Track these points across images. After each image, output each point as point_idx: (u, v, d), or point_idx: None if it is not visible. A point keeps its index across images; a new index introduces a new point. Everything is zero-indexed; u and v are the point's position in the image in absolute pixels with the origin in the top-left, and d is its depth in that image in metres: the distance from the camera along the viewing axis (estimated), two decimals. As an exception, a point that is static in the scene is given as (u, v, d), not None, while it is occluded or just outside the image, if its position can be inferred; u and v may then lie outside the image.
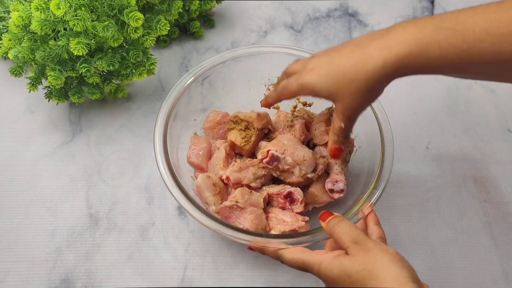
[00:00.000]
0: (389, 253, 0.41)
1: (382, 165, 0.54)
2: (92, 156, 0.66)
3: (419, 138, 0.71)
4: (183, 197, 0.50)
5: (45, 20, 0.57)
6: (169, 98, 0.57)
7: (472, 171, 0.68)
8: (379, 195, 0.52)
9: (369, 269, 0.40)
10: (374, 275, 0.40)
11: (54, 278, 0.57)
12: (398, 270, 0.40)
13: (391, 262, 0.40)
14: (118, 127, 0.69)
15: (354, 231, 0.44)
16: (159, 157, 0.53)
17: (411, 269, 0.41)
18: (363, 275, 0.40)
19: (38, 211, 0.62)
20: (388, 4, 0.88)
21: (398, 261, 0.41)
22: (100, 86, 0.67)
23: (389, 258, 0.41)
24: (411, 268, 0.41)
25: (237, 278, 0.59)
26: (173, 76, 0.75)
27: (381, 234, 0.48)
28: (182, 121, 0.60)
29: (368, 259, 0.41)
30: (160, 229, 0.61)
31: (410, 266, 0.41)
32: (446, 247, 0.62)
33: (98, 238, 0.60)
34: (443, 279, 0.60)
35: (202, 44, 0.80)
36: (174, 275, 0.58)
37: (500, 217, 0.65)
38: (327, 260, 0.43)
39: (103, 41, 0.61)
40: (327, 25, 0.84)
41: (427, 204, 0.65)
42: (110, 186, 0.64)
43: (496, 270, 0.61)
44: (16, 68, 0.63)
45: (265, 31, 0.82)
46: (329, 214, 0.47)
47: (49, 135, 0.68)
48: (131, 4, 0.59)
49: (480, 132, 0.72)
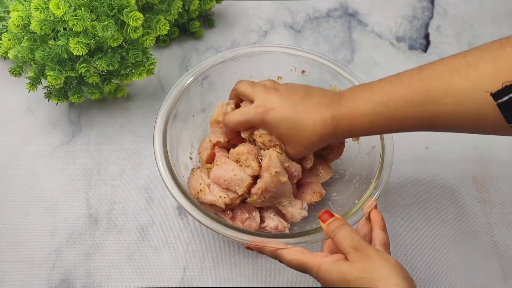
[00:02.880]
0: (389, 262, 0.41)
1: (382, 165, 0.54)
2: (91, 156, 0.66)
3: (419, 138, 0.71)
4: (183, 197, 0.50)
5: (45, 20, 0.57)
6: (168, 98, 0.57)
7: (472, 171, 0.68)
8: (378, 195, 0.52)
9: (368, 277, 0.40)
10: (373, 283, 0.40)
11: (53, 278, 0.57)
12: (397, 281, 0.40)
13: (391, 272, 0.40)
14: (118, 127, 0.69)
15: (355, 237, 0.44)
16: (158, 157, 0.53)
17: (411, 280, 0.41)
18: (362, 282, 0.40)
19: (37, 211, 0.62)
20: (388, 4, 0.88)
21: (398, 271, 0.41)
22: (100, 86, 0.66)
23: (390, 267, 0.41)
24: (411, 279, 0.41)
25: (237, 278, 0.58)
26: (173, 76, 0.75)
27: (385, 240, 0.47)
28: (182, 121, 0.60)
29: (368, 267, 0.41)
30: (159, 229, 0.61)
31: (410, 277, 0.41)
32: (446, 247, 0.62)
33: (98, 238, 0.60)
34: (443, 279, 0.60)
35: (202, 44, 0.80)
36: (174, 275, 0.58)
37: (500, 217, 0.65)
38: (326, 263, 0.43)
39: (103, 41, 0.61)
40: (327, 25, 0.84)
41: (427, 204, 0.65)
42: (109, 186, 0.64)
43: (496, 270, 0.61)
44: (16, 68, 0.63)
45: (265, 31, 0.82)
46: (329, 215, 0.47)
47: (49, 135, 0.68)
48: (130, 4, 0.59)
49: (480, 132, 0.72)
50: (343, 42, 0.82)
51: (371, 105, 0.45)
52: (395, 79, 0.45)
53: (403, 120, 0.44)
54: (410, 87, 0.43)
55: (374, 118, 0.46)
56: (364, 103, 0.46)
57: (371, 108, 0.45)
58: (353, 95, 0.48)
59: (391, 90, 0.45)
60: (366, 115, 0.46)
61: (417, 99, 0.43)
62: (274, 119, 0.50)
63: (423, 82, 0.43)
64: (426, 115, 0.43)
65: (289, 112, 0.50)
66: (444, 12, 0.87)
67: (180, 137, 0.60)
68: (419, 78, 0.43)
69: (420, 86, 0.43)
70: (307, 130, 0.49)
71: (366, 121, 0.46)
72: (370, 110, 0.46)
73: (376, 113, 0.45)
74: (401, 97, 0.44)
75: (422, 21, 0.86)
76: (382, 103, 0.45)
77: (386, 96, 0.45)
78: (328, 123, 0.48)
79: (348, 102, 0.48)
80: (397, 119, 0.44)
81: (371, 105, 0.45)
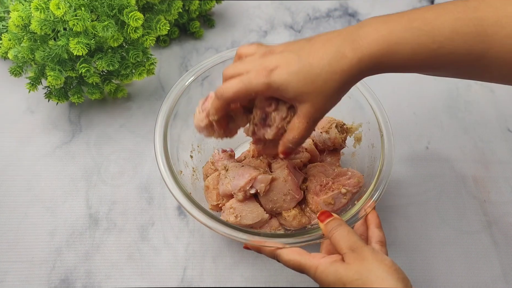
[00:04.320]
0: (384, 263, 0.41)
1: (382, 165, 0.54)
2: (92, 156, 0.66)
3: (419, 138, 0.71)
4: (183, 197, 0.50)
5: (45, 20, 0.57)
6: (169, 98, 0.57)
7: (472, 171, 0.68)
8: (379, 196, 0.52)
9: (363, 279, 0.40)
10: (368, 285, 0.40)
11: (54, 278, 0.57)
12: (393, 282, 0.40)
13: (386, 273, 0.40)
14: (118, 127, 0.69)
15: (352, 237, 0.44)
16: (159, 157, 0.53)
17: (407, 281, 0.41)
18: (357, 284, 0.40)
19: (38, 211, 0.62)
20: (388, 4, 0.88)
21: (393, 272, 0.41)
22: (100, 86, 0.67)
23: (384, 269, 0.41)
24: (406, 279, 0.41)
25: (237, 278, 0.58)
26: (173, 76, 0.75)
27: (381, 237, 0.48)
28: (182, 121, 0.60)
29: (363, 269, 0.41)
30: (159, 229, 0.61)
31: (406, 278, 0.41)
32: (446, 247, 0.62)
33: (98, 238, 0.60)
34: (443, 279, 0.60)
35: (202, 44, 0.80)
36: (174, 275, 0.58)
37: (500, 217, 0.65)
38: (323, 265, 0.43)
39: (103, 41, 0.61)
40: (327, 25, 0.84)
41: (427, 204, 0.65)
42: (110, 186, 0.64)
43: (496, 270, 0.61)
44: (16, 68, 0.63)
45: (265, 31, 0.82)
46: (328, 215, 0.47)
47: (49, 135, 0.68)
48: (131, 4, 0.59)
49: (480, 132, 0.72)
50: (343, 42, 0.82)
51: (412, 31, 0.38)
52: (437, 8, 0.39)
53: (450, 53, 0.38)
54: (459, 15, 0.38)
55: (417, 49, 0.39)
56: (401, 29, 0.39)
57: (412, 35, 0.38)
58: (381, 21, 0.40)
59: (434, 18, 0.38)
60: (406, 43, 0.39)
61: (467, 28, 0.37)
62: (281, 77, 0.41)
63: (473, 11, 0.38)
64: (477, 48, 0.38)
65: (295, 62, 0.41)
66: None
67: (180, 136, 0.60)
68: (466, 7, 0.38)
69: (470, 15, 0.38)
70: (324, 73, 0.40)
71: (406, 50, 0.39)
72: (411, 37, 0.38)
73: (419, 43, 0.38)
74: (449, 27, 0.38)
75: (422, 21, 0.86)
76: (426, 32, 0.38)
77: (429, 25, 0.38)
78: (349, 56, 0.39)
79: (377, 28, 0.40)
80: (443, 52, 0.38)
81: (412, 31, 0.38)
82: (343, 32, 0.41)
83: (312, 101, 0.41)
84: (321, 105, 0.42)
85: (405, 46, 0.39)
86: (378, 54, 0.39)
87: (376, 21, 0.40)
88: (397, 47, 0.39)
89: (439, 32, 0.38)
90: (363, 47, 0.39)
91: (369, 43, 0.39)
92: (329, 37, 0.41)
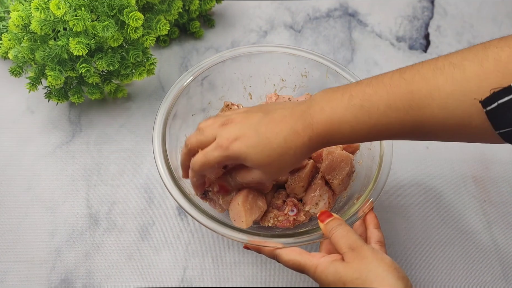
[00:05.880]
0: (384, 262, 0.41)
1: (380, 165, 0.54)
2: (92, 156, 0.66)
3: (419, 138, 0.71)
4: (182, 197, 0.50)
5: (45, 20, 0.57)
6: (168, 98, 0.57)
7: (472, 171, 0.68)
8: (377, 195, 0.52)
9: (363, 278, 0.40)
10: (368, 284, 0.40)
11: (54, 278, 0.57)
12: (393, 281, 0.40)
13: (386, 272, 0.40)
14: (118, 127, 0.69)
15: (351, 236, 0.44)
16: (158, 157, 0.53)
17: (407, 280, 0.41)
18: (357, 283, 0.40)
19: (38, 211, 0.62)
20: (388, 4, 0.88)
21: (393, 271, 0.41)
22: (100, 86, 0.67)
23: (384, 267, 0.41)
24: (406, 278, 0.41)
25: (237, 278, 0.58)
26: (173, 76, 0.75)
27: (380, 238, 0.48)
28: (181, 121, 0.60)
29: (363, 268, 0.41)
30: (160, 229, 0.61)
31: (406, 277, 0.41)
32: (446, 247, 0.62)
33: (98, 238, 0.60)
34: (443, 279, 0.60)
35: (202, 44, 0.80)
36: (174, 275, 0.58)
37: (500, 217, 0.65)
38: (323, 264, 0.43)
39: (103, 41, 0.61)
40: (327, 25, 0.84)
41: (427, 204, 0.65)
42: (110, 186, 0.64)
43: (496, 270, 0.61)
44: (16, 68, 0.63)
45: (265, 31, 0.82)
46: (328, 215, 0.47)
47: (49, 135, 0.68)
48: (131, 4, 0.59)
49: (480, 132, 0.72)
50: (343, 42, 0.82)
51: (351, 110, 0.42)
52: (377, 82, 0.42)
53: (387, 128, 0.41)
54: (393, 90, 0.40)
55: (356, 126, 0.42)
56: (343, 108, 0.42)
57: (351, 114, 0.42)
58: (327, 99, 0.44)
59: (373, 93, 0.41)
60: (346, 122, 0.42)
61: (400, 103, 0.40)
62: (240, 149, 0.44)
63: (406, 84, 0.40)
64: (411, 120, 0.40)
65: (252, 136, 0.44)
66: (444, 12, 0.87)
67: (179, 136, 0.60)
68: (402, 80, 0.40)
69: (403, 89, 0.40)
70: (279, 148, 0.44)
71: (346, 128, 0.42)
72: (350, 116, 0.42)
73: (358, 121, 0.42)
74: (383, 103, 0.41)
75: (422, 21, 0.86)
76: (366, 108, 0.41)
77: (368, 101, 0.41)
78: (301, 134, 0.43)
79: (322, 108, 0.43)
80: (381, 128, 0.41)
81: (351, 110, 0.42)
82: (297, 111, 0.45)
83: (265, 171, 0.46)
84: (272, 174, 0.46)
85: (345, 125, 0.42)
86: (323, 133, 0.43)
87: (322, 99, 0.44)
88: (339, 126, 0.42)
89: (376, 108, 0.41)
90: (313, 126, 0.43)
91: (317, 122, 0.43)
92: (285, 114, 0.45)
